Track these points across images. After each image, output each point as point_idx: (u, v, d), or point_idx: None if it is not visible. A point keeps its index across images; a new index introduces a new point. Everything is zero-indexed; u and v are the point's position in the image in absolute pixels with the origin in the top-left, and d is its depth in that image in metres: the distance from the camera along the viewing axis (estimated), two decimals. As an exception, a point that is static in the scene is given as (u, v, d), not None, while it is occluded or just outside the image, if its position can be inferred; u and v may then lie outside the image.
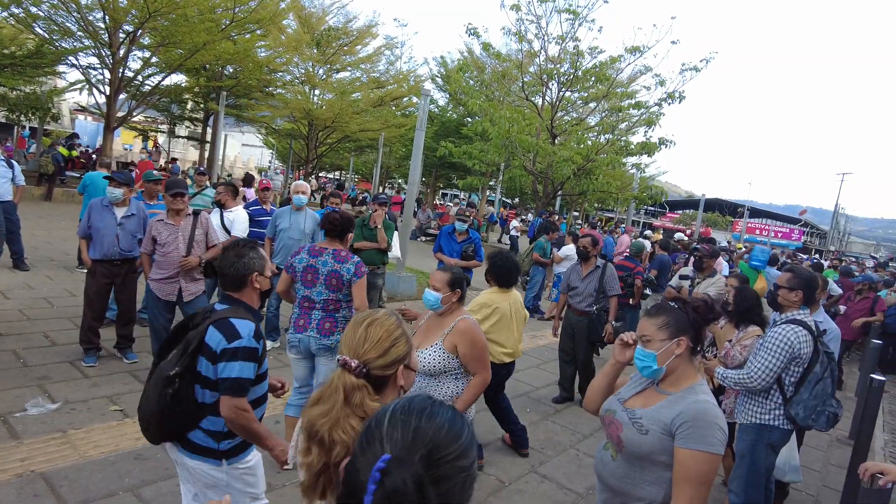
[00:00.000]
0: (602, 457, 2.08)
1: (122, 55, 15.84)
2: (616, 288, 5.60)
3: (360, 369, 1.38)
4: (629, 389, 2.14)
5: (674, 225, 44.83)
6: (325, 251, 3.65)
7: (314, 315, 3.62)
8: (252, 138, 42.38)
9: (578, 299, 5.65)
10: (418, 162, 9.97)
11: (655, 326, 1.97)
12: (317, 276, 3.60)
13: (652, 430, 1.89)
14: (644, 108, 15.35)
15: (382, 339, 1.44)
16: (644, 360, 1.97)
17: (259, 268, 2.28)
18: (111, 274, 4.83)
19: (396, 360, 1.45)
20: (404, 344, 1.47)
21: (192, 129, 31.29)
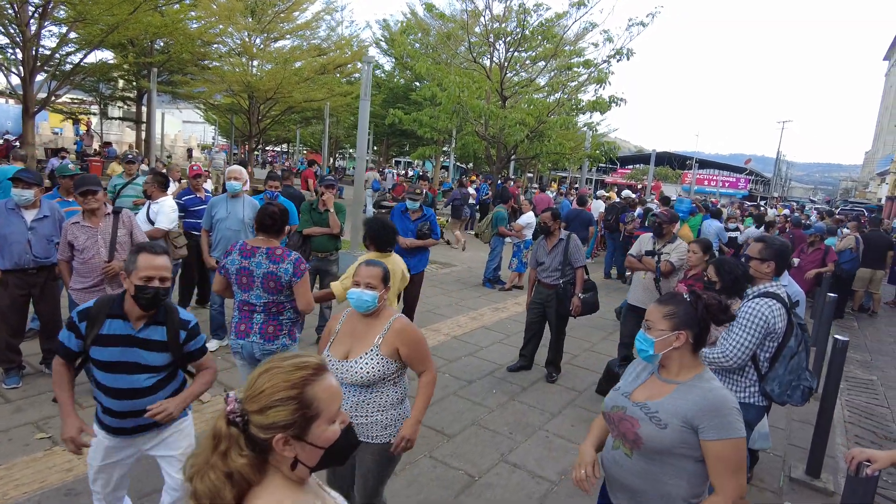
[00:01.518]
0: (614, 457, 2.04)
1: (33, 32, 14.50)
2: (581, 259, 5.49)
3: (234, 416, 1.16)
4: (629, 382, 2.12)
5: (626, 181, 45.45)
6: (257, 251, 3.33)
7: (256, 319, 3.35)
8: (192, 115, 40.34)
9: (545, 273, 5.56)
10: (365, 133, 9.52)
11: (660, 314, 1.98)
12: (252, 278, 3.29)
13: (671, 424, 1.88)
14: (593, 65, 15.13)
15: (266, 394, 1.18)
16: (642, 343, 2.01)
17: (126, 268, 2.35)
18: (26, 284, 4.33)
19: (274, 425, 1.17)
20: (290, 412, 1.18)
21: (125, 109, 29.52)
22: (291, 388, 1.19)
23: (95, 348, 2.32)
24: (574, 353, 6.55)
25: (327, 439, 1.23)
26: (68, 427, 2.33)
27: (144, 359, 2.36)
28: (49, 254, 4.37)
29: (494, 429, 4.47)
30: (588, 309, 5.53)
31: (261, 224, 3.39)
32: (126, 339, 2.34)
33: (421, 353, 2.58)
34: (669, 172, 48.20)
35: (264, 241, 3.39)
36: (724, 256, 3.83)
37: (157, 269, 2.29)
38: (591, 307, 5.56)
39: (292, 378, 1.20)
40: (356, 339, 2.55)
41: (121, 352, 2.33)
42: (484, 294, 8.96)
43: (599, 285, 10.49)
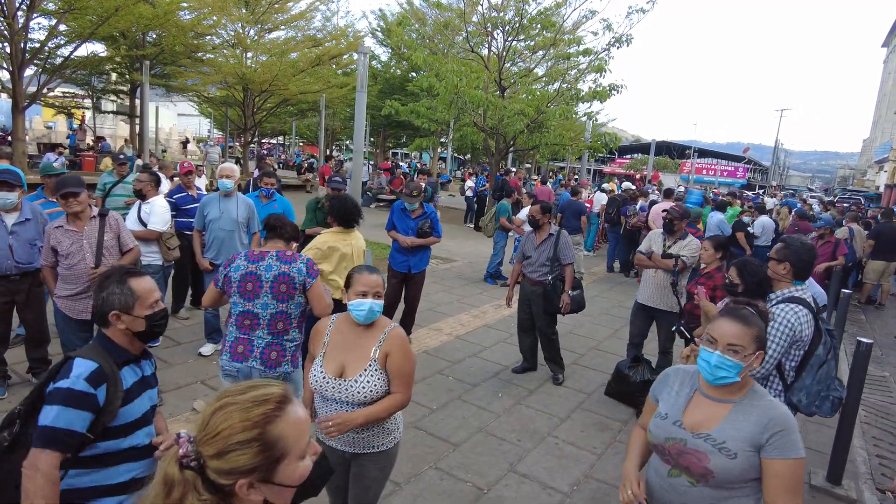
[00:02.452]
0: (671, 485, 1.93)
1: (21, 24, 14.18)
2: (570, 256, 5.31)
3: (187, 460, 0.99)
4: (672, 404, 1.96)
5: (624, 171, 45.23)
6: (266, 255, 3.06)
7: (257, 340, 3.01)
8: (187, 108, 39.93)
9: (532, 269, 5.37)
10: (362, 125, 9.28)
11: (749, 337, 1.83)
12: (260, 283, 2.98)
13: (741, 452, 1.78)
14: (593, 54, 14.89)
15: (222, 436, 1.01)
16: (727, 371, 1.82)
17: (120, 306, 1.90)
18: (9, 291, 4.11)
19: (235, 471, 1.00)
20: (255, 454, 1.01)
21: (119, 102, 29.13)
22: (252, 427, 1.02)
23: (126, 409, 1.87)
24: (580, 352, 6.38)
25: (299, 477, 1.06)
26: None
27: (154, 399, 2.04)
28: (32, 259, 4.15)
29: (501, 436, 4.30)
30: (575, 307, 5.35)
31: (272, 228, 3.12)
32: (142, 382, 1.98)
33: (408, 370, 2.36)
34: (668, 162, 47.97)
35: (273, 245, 3.13)
36: (746, 257, 3.63)
37: (154, 290, 2.00)
38: (579, 305, 5.39)
39: (252, 416, 1.03)
40: (349, 352, 2.34)
41: (147, 398, 1.98)
42: (486, 290, 8.78)
43: (602, 279, 10.45)
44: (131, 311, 1.91)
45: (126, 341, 1.95)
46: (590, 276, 10.49)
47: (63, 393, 1.72)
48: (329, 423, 2.17)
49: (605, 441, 4.38)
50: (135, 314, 1.92)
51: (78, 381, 1.74)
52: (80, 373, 1.76)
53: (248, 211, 5.13)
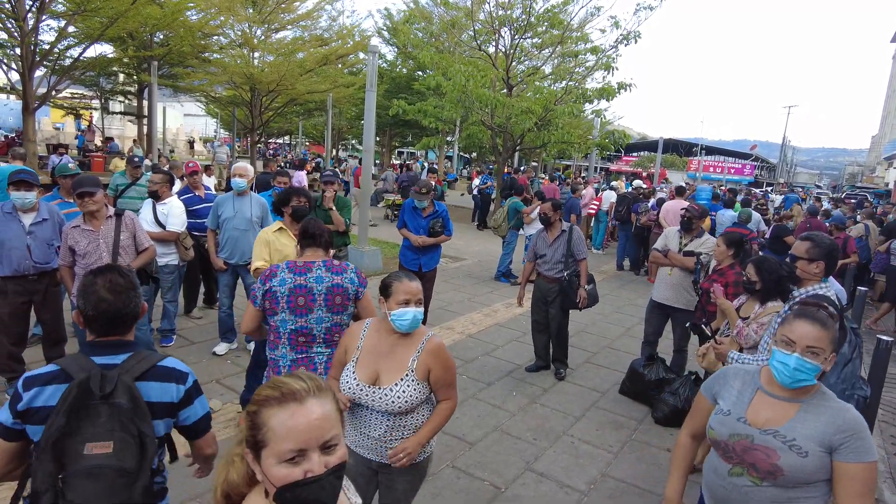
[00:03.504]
0: (734, 484, 1.90)
1: (31, 26, 14.25)
2: (584, 251, 5.33)
3: None
4: (735, 402, 1.94)
5: (632, 168, 45.07)
6: (313, 265, 2.82)
7: (318, 357, 2.81)
8: (194, 108, 40.02)
9: (547, 267, 5.38)
10: (371, 124, 9.29)
11: (828, 339, 1.81)
12: (312, 296, 2.76)
13: (811, 451, 1.76)
14: (601, 52, 14.83)
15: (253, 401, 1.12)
16: (806, 374, 1.81)
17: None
18: (27, 291, 4.14)
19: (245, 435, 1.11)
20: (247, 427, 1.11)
21: (126, 103, 29.26)
22: (254, 402, 1.11)
23: None
24: (592, 350, 6.36)
25: (275, 477, 1.04)
26: None
27: None
28: (49, 259, 4.17)
29: (517, 435, 4.29)
30: (590, 301, 5.37)
31: (311, 236, 2.89)
32: None
33: (450, 379, 2.33)
34: (676, 159, 47.76)
35: (314, 254, 2.90)
36: (764, 255, 3.60)
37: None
38: (593, 299, 5.42)
39: (261, 393, 1.11)
40: (384, 359, 2.28)
41: None
42: (496, 289, 8.76)
43: (612, 278, 10.41)
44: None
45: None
46: (600, 274, 10.44)
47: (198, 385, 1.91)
48: (401, 455, 2.19)
49: (620, 439, 4.37)
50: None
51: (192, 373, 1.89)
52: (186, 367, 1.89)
53: (261, 210, 5.14)
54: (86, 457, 1.52)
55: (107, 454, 1.54)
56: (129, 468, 1.56)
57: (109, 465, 1.54)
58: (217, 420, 4.11)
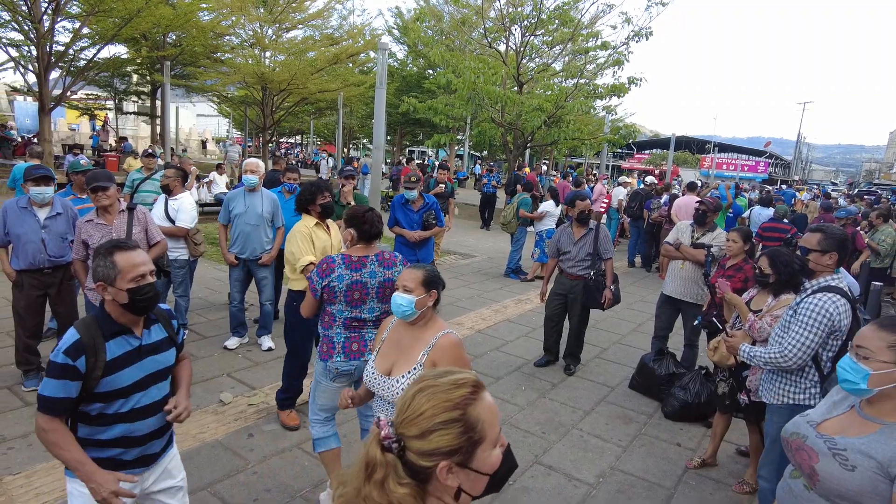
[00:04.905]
0: (791, 487, 1.84)
1: (46, 28, 14.45)
2: (611, 250, 5.30)
3: (389, 442, 1.01)
4: (822, 412, 1.84)
5: (644, 166, 44.78)
6: (367, 260, 2.96)
7: (368, 336, 3.00)
8: (206, 108, 40.36)
9: (571, 264, 5.34)
10: (381, 122, 9.30)
11: (885, 344, 1.68)
12: (366, 290, 2.94)
13: (861, 466, 1.60)
14: (612, 48, 14.77)
15: (426, 416, 1.03)
16: (851, 374, 1.71)
17: (103, 277, 1.95)
18: (42, 285, 4.21)
19: (438, 451, 1.02)
20: (457, 434, 1.03)
21: (140, 103, 29.56)
22: (454, 408, 1.05)
23: (109, 378, 1.95)
24: (603, 346, 6.34)
25: (492, 465, 1.08)
26: (104, 481, 1.88)
27: (161, 363, 2.11)
28: (64, 252, 4.24)
29: (526, 428, 4.29)
30: (614, 300, 5.34)
31: (365, 233, 2.98)
32: (136, 352, 2.03)
33: None
34: (688, 157, 47.40)
35: (365, 248, 3.01)
36: (777, 248, 3.57)
37: (141, 264, 1.99)
38: (618, 298, 5.40)
39: (453, 397, 1.06)
40: (401, 353, 2.31)
41: (138, 368, 2.03)
42: (506, 285, 8.76)
43: (623, 274, 10.35)
44: (114, 284, 1.93)
45: (117, 313, 1.99)
46: (610, 270, 10.40)
47: (49, 365, 1.89)
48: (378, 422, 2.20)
49: (629, 433, 4.35)
50: (117, 286, 1.93)
51: (58, 355, 1.86)
52: (61, 346, 1.88)
53: (272, 206, 5.18)
54: None
55: None
56: None
57: None
58: (227, 414, 4.15)
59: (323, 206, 3.89)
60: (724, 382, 3.71)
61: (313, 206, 3.88)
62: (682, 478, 3.79)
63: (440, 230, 6.11)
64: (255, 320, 5.80)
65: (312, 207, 3.89)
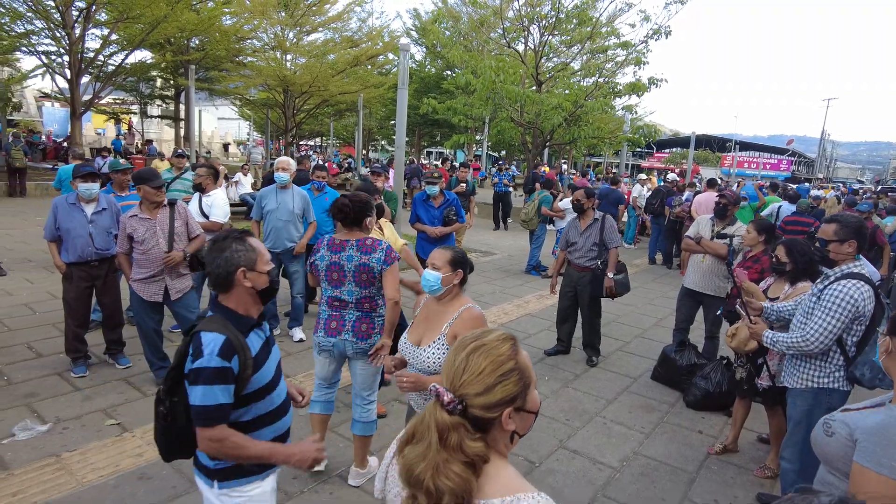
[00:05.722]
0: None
1: (78, 35, 14.90)
2: (616, 240, 5.40)
3: (453, 405, 1.11)
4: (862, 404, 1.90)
5: (663, 165, 44.46)
6: (346, 244, 3.12)
7: (348, 316, 3.17)
8: (227, 111, 41.04)
9: (578, 255, 5.47)
10: (403, 122, 9.48)
11: None
12: (343, 273, 3.10)
13: (839, 435, 1.76)
14: (631, 47, 14.79)
15: (486, 373, 1.14)
16: None
17: (246, 262, 1.87)
18: (90, 276, 4.46)
19: (502, 401, 1.14)
20: (515, 382, 1.15)
21: (164, 107, 30.19)
22: (508, 360, 1.16)
23: (256, 376, 1.87)
24: (625, 339, 6.43)
25: (537, 403, 1.22)
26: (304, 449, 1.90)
27: (278, 352, 2.08)
28: (109, 246, 4.48)
29: (551, 415, 4.41)
30: (622, 290, 5.42)
31: (336, 216, 3.17)
32: (266, 344, 1.97)
33: None
34: (709, 155, 46.93)
35: (349, 232, 3.17)
36: (793, 238, 3.66)
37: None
38: (625, 287, 5.45)
39: (504, 351, 1.17)
40: (428, 325, 2.52)
41: (271, 360, 1.97)
42: (527, 281, 8.87)
43: (644, 271, 10.41)
44: (255, 267, 1.89)
45: (246, 305, 1.91)
46: (632, 268, 10.39)
47: (202, 373, 1.74)
48: (404, 379, 2.37)
49: (652, 421, 4.45)
50: (258, 269, 1.90)
51: (212, 359, 1.74)
52: (211, 349, 1.75)
53: (303, 202, 5.38)
54: None
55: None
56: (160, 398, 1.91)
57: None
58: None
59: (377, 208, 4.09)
60: (742, 368, 3.80)
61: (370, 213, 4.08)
62: (704, 463, 3.89)
63: (460, 226, 6.25)
64: (285, 313, 6.00)
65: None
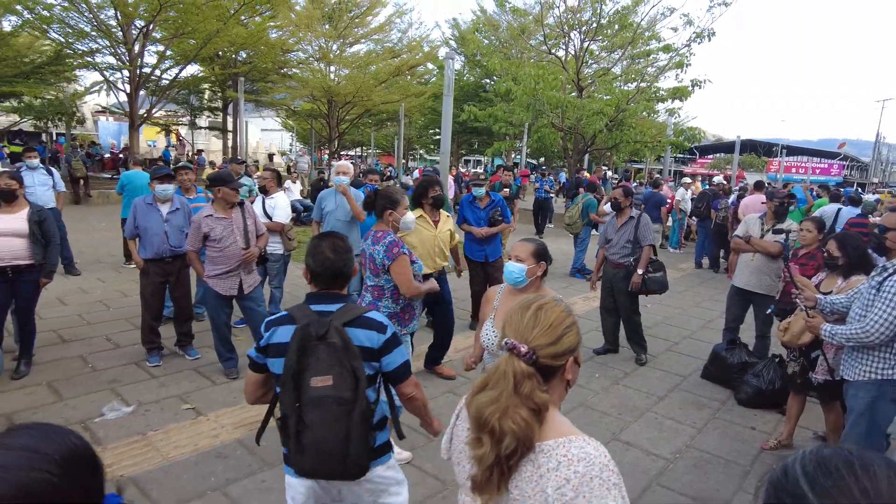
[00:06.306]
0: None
1: (137, 51, 15.73)
2: (649, 238, 5.45)
3: (529, 356, 1.26)
4: None
5: (707, 170, 43.57)
6: (369, 234, 3.53)
7: (364, 300, 3.55)
8: (270, 123, 42.23)
9: (613, 251, 5.57)
10: (448, 129, 9.68)
11: None
12: (365, 261, 3.52)
13: None
14: (674, 50, 14.70)
15: (554, 326, 1.30)
16: None
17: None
18: (164, 272, 4.78)
19: (568, 350, 1.30)
20: (576, 333, 1.33)
21: (212, 118, 31.32)
22: (568, 315, 1.34)
23: None
24: (674, 340, 6.44)
25: (582, 358, 1.38)
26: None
27: None
28: (181, 243, 4.80)
29: (603, 410, 4.49)
30: (657, 287, 5.45)
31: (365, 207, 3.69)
32: None
33: None
34: (754, 160, 45.74)
35: (378, 224, 3.56)
36: (845, 231, 3.68)
37: None
38: (661, 286, 5.47)
39: (563, 308, 1.35)
40: None
41: None
42: (572, 284, 8.93)
43: (691, 275, 10.32)
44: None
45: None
46: (678, 271, 10.37)
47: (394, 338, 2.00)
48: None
49: (703, 417, 4.48)
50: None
51: (391, 326, 2.03)
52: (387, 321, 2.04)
53: (359, 203, 5.62)
54: (313, 388, 1.83)
55: (327, 386, 1.83)
56: (346, 398, 1.83)
57: (330, 395, 1.83)
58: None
59: (434, 199, 4.30)
60: (795, 362, 3.82)
61: (426, 198, 4.31)
62: (758, 457, 3.91)
63: (506, 227, 6.38)
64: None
65: (425, 200, 4.32)
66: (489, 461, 1.20)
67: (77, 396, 4.20)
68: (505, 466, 1.20)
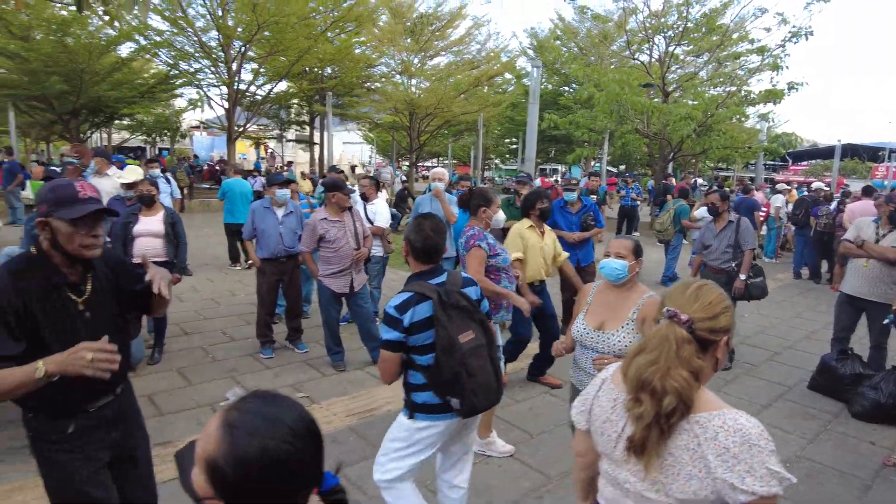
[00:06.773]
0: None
1: (235, 70, 16.90)
2: (751, 242, 5.35)
3: (689, 324, 1.36)
4: None
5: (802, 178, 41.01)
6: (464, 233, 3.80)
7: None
8: (351, 136, 43.83)
9: (713, 257, 5.47)
10: (534, 136, 9.81)
11: None
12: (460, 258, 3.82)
13: None
14: (766, 52, 14.03)
15: (713, 304, 1.41)
16: None
17: None
18: (279, 271, 5.17)
19: (723, 329, 1.40)
20: (731, 316, 1.43)
21: (299, 132, 32.94)
22: (726, 298, 1.44)
23: None
24: (775, 350, 6.19)
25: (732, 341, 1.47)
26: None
27: None
28: (294, 244, 5.18)
29: (703, 415, 4.41)
30: (758, 293, 5.34)
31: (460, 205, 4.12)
32: None
33: None
34: (857, 166, 42.59)
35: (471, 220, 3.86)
36: None
37: None
38: (761, 291, 5.37)
39: (721, 291, 1.46)
40: (610, 311, 2.67)
41: None
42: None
43: (790, 285, 9.83)
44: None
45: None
46: (775, 281, 9.90)
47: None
48: (605, 361, 2.60)
49: (813, 429, 4.31)
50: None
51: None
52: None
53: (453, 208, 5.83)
54: (464, 343, 2.24)
55: (472, 339, 2.27)
56: (484, 343, 2.33)
57: (478, 344, 2.29)
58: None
59: (541, 210, 4.45)
60: (924, 374, 3.62)
61: (533, 210, 4.46)
62: (879, 472, 3.72)
63: (599, 231, 6.38)
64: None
65: (532, 211, 4.47)
66: (648, 418, 1.30)
67: (203, 382, 4.62)
68: (665, 425, 1.30)
